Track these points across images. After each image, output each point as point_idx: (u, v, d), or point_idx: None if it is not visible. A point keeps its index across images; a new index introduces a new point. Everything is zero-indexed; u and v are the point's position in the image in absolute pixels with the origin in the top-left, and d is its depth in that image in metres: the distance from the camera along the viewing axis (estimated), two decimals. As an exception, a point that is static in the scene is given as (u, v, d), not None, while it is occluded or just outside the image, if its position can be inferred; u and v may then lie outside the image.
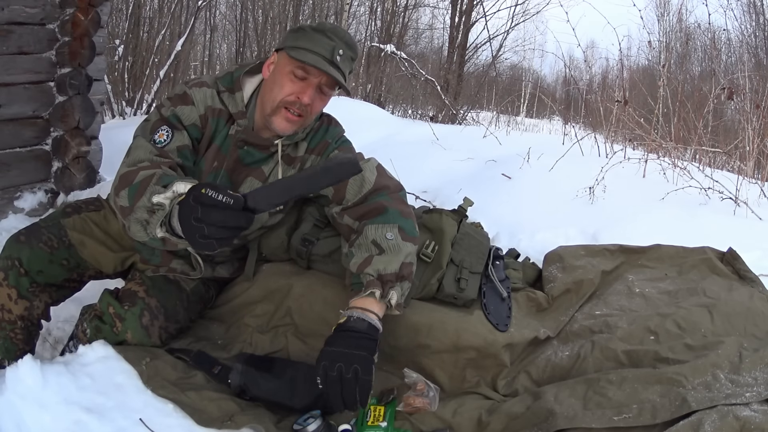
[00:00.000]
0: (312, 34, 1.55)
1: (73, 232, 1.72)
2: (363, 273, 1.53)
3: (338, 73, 1.55)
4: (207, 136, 1.64)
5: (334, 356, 1.36)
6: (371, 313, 1.46)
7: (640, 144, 3.73)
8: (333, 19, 12.23)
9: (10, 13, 2.85)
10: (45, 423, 1.28)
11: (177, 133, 1.58)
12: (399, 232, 1.58)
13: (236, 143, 1.64)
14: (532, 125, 11.33)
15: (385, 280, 1.51)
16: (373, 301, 1.48)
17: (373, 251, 1.55)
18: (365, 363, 1.36)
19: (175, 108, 1.60)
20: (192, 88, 1.62)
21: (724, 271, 1.85)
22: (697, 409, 1.32)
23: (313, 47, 1.54)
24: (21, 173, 3.12)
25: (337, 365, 1.35)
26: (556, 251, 1.98)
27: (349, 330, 1.42)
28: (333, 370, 1.34)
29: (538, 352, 1.67)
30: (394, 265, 1.53)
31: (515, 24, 12.88)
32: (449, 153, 3.51)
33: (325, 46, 1.54)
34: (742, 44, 10.82)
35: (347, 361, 1.35)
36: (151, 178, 1.35)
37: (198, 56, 13.66)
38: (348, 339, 1.40)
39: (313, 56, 1.53)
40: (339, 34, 1.57)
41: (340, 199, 1.69)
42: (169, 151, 1.55)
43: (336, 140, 1.75)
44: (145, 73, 9.09)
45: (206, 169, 1.65)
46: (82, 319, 1.65)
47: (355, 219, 1.65)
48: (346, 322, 1.44)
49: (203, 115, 1.62)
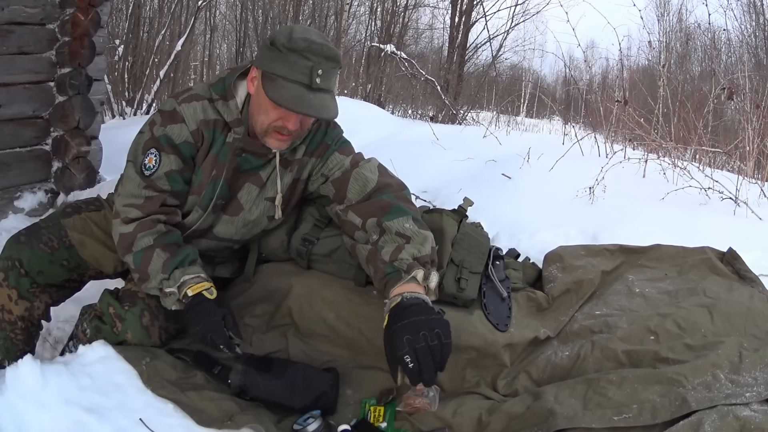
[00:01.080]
0: (286, 56, 1.45)
1: (73, 233, 1.72)
2: (399, 259, 1.50)
3: (322, 94, 1.47)
4: (205, 148, 1.62)
5: (415, 327, 1.34)
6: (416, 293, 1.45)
7: (640, 144, 3.73)
8: (333, 19, 12.23)
9: (10, 13, 2.85)
10: (45, 423, 1.28)
11: (164, 157, 1.59)
12: (414, 222, 1.58)
13: (234, 151, 1.63)
14: (532, 125, 11.31)
15: (423, 262, 1.50)
16: (415, 285, 1.46)
17: (400, 241, 1.54)
18: (444, 326, 1.37)
19: (165, 128, 1.59)
20: (182, 104, 1.59)
21: (724, 271, 1.85)
22: (697, 409, 1.32)
23: (289, 74, 1.45)
24: (21, 173, 3.12)
25: (422, 333, 1.34)
26: (556, 251, 1.97)
27: (410, 306, 1.40)
28: (420, 341, 1.33)
29: (538, 352, 1.67)
30: (426, 248, 1.53)
31: (515, 24, 12.89)
32: (449, 153, 3.50)
33: (302, 69, 1.45)
34: (742, 44, 10.82)
35: (429, 328, 1.35)
36: (152, 252, 1.54)
37: (198, 56, 13.66)
38: (415, 311, 1.38)
39: (288, 91, 1.45)
40: (315, 49, 1.45)
41: (341, 198, 1.69)
42: (158, 178, 1.59)
43: (335, 142, 1.73)
44: (145, 73, 9.09)
45: (204, 179, 1.64)
46: (82, 319, 1.65)
47: (360, 216, 1.64)
48: (402, 302, 1.42)
49: (196, 131, 1.59)
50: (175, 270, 1.53)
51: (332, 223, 1.82)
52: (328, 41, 1.51)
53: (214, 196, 1.64)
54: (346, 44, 12.09)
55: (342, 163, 1.70)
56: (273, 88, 1.47)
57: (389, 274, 1.50)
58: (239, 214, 1.70)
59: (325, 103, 1.48)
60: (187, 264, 1.55)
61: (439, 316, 1.39)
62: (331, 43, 1.51)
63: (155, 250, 1.54)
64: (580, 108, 6.64)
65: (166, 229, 1.60)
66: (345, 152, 1.73)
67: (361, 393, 1.59)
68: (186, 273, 1.53)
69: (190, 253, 1.57)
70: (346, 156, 1.72)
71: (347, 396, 1.60)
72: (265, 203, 1.71)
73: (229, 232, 1.72)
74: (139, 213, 1.58)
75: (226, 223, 1.71)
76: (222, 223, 1.71)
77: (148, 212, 1.59)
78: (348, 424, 1.46)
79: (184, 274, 1.52)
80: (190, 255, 1.57)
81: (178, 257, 1.54)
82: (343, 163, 1.70)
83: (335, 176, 1.70)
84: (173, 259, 1.53)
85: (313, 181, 1.74)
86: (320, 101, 1.47)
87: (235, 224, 1.71)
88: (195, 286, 1.51)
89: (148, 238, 1.56)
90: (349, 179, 1.68)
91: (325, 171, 1.72)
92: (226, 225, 1.71)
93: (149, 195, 1.59)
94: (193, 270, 1.54)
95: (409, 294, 1.43)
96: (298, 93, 1.46)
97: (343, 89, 10.83)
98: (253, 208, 1.70)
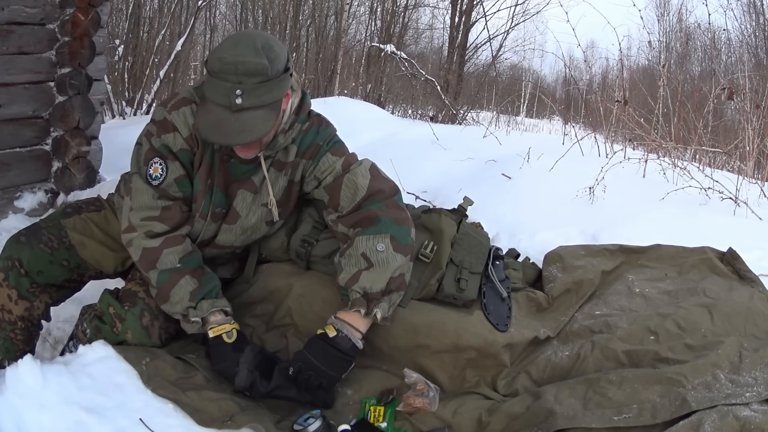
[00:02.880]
0: (211, 80, 1.44)
1: (73, 233, 1.72)
2: (350, 289, 1.56)
3: (247, 113, 1.44)
4: (200, 152, 1.62)
5: (311, 366, 1.52)
6: (357, 331, 1.55)
7: (640, 144, 3.73)
8: (333, 19, 12.23)
9: (10, 13, 2.85)
10: (45, 423, 1.28)
11: (171, 164, 1.60)
12: (391, 242, 1.58)
13: (222, 157, 1.62)
14: (532, 125, 11.31)
15: (371, 298, 1.55)
16: (358, 316, 1.55)
17: (362, 265, 1.56)
18: (331, 382, 1.55)
19: (161, 138, 1.59)
20: (171, 112, 1.58)
21: (724, 271, 1.85)
22: (697, 409, 1.32)
23: (213, 97, 1.45)
24: (21, 173, 3.12)
25: (309, 373, 1.52)
26: (556, 251, 1.97)
27: (334, 346, 1.53)
28: (305, 375, 1.52)
29: (538, 352, 1.67)
30: (380, 282, 1.55)
31: (515, 24, 12.87)
32: (449, 153, 3.50)
33: (222, 91, 1.43)
34: (742, 44, 10.80)
35: (318, 375, 1.52)
36: (179, 278, 1.56)
37: (198, 56, 13.64)
38: (329, 355, 1.53)
39: (211, 117, 1.45)
40: (228, 69, 1.40)
41: (335, 205, 1.68)
42: (168, 186, 1.59)
43: (327, 142, 1.70)
44: (145, 73, 9.08)
45: (202, 188, 1.63)
46: (82, 319, 1.65)
47: (349, 227, 1.65)
48: (335, 336, 1.54)
49: (190, 136, 1.59)
50: (202, 300, 1.56)
51: (332, 223, 1.82)
52: (256, 53, 1.42)
53: (211, 205, 1.64)
54: (346, 44, 12.08)
55: (333, 167, 1.68)
56: (200, 112, 1.51)
57: (342, 296, 1.60)
58: (237, 222, 1.69)
59: (247, 125, 1.44)
60: (214, 296, 1.59)
61: (336, 375, 1.54)
62: (260, 55, 1.42)
63: (184, 275, 1.57)
64: (580, 108, 6.63)
65: (192, 248, 1.63)
66: (337, 153, 1.70)
67: (361, 393, 1.59)
68: (214, 305, 1.58)
69: (217, 284, 1.61)
70: (339, 157, 1.69)
71: (347, 396, 1.60)
72: (262, 209, 1.69)
73: (230, 239, 1.72)
74: (165, 226, 1.59)
75: (226, 232, 1.70)
76: (222, 232, 1.70)
77: (172, 225, 1.60)
78: (348, 424, 1.46)
79: (212, 307, 1.57)
80: (217, 286, 1.61)
81: (205, 288, 1.58)
82: (334, 167, 1.68)
83: (327, 182, 1.68)
84: (201, 290, 1.57)
85: (307, 183, 1.73)
86: (242, 123, 1.44)
87: (234, 232, 1.71)
88: (217, 328, 1.56)
89: (173, 257, 1.58)
90: (341, 186, 1.66)
91: (318, 173, 1.69)
92: (226, 233, 1.70)
93: (165, 205, 1.60)
94: (221, 303, 1.60)
95: (346, 332, 1.54)
96: (217, 118, 1.45)
97: (343, 89, 10.83)
98: (249, 215, 1.69)
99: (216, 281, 1.62)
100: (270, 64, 1.44)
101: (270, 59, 1.44)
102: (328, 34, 12.03)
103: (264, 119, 1.47)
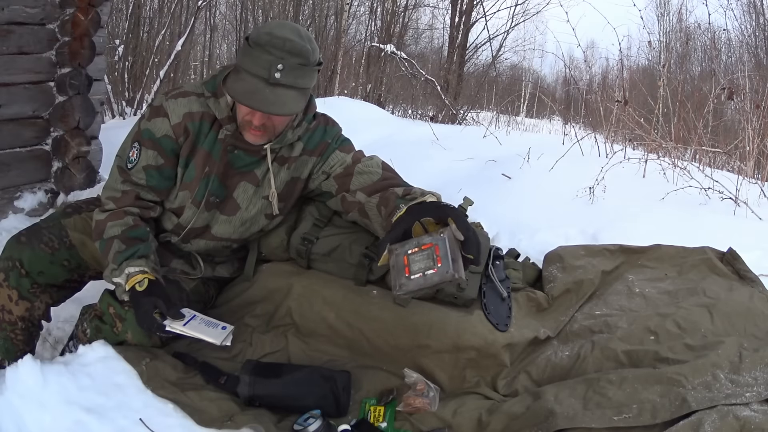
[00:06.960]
0: (252, 51, 1.47)
1: (73, 233, 1.72)
2: (411, 193, 1.53)
3: (281, 89, 1.47)
4: (190, 141, 1.64)
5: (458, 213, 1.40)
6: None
7: (640, 144, 3.73)
8: (333, 19, 12.23)
9: (10, 13, 2.85)
10: (45, 423, 1.28)
11: (144, 151, 1.64)
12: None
13: (226, 147, 1.64)
14: (532, 125, 11.30)
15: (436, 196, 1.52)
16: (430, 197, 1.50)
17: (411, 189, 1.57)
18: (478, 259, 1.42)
19: (149, 122, 1.64)
20: (169, 99, 1.63)
21: (724, 271, 1.85)
22: (697, 409, 1.32)
23: (250, 67, 1.47)
24: (21, 173, 3.11)
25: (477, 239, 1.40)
26: (556, 251, 1.98)
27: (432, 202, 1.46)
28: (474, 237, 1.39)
29: (538, 352, 1.67)
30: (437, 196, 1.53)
31: (515, 24, 12.88)
32: (449, 153, 3.50)
33: (262, 63, 1.46)
34: (742, 44, 10.82)
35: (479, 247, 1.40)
36: (112, 242, 1.59)
37: (198, 56, 13.65)
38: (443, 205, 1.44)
39: (245, 85, 1.47)
40: (277, 44, 1.45)
41: (345, 190, 1.70)
42: (136, 172, 1.64)
43: (336, 140, 1.74)
44: (145, 73, 9.09)
45: (197, 175, 1.65)
46: (82, 319, 1.65)
47: (369, 194, 1.65)
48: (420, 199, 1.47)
49: (178, 124, 1.61)
50: (123, 262, 1.56)
51: (332, 222, 1.82)
52: (301, 37, 1.49)
53: (206, 192, 1.65)
54: (346, 44, 12.08)
55: (344, 160, 1.72)
56: (233, 80, 1.51)
57: (399, 205, 1.50)
58: (236, 213, 1.70)
59: (281, 99, 1.47)
60: (136, 257, 1.57)
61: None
62: (305, 40, 1.49)
63: (115, 240, 1.59)
64: (580, 108, 6.64)
65: (134, 222, 1.64)
66: (346, 150, 1.74)
67: (361, 393, 1.59)
68: (130, 265, 1.55)
69: (141, 247, 1.60)
70: (347, 153, 1.73)
71: (347, 396, 1.60)
72: (262, 201, 1.71)
73: (227, 231, 1.73)
74: (113, 206, 1.65)
75: (224, 223, 1.71)
76: (220, 223, 1.71)
77: (121, 205, 1.65)
78: (348, 424, 1.46)
79: (128, 267, 1.55)
80: (140, 249, 1.59)
81: (129, 251, 1.58)
82: (345, 160, 1.72)
83: (337, 172, 1.71)
84: (125, 252, 1.57)
85: (314, 179, 1.75)
86: (276, 97, 1.47)
87: (232, 224, 1.71)
88: (130, 281, 1.54)
89: (117, 228, 1.61)
90: (353, 174, 1.69)
91: (326, 168, 1.72)
92: (224, 225, 1.71)
93: (125, 189, 1.66)
94: (137, 263, 1.56)
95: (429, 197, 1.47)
96: (253, 87, 1.47)
97: (343, 89, 10.83)
98: (250, 207, 1.71)
99: (142, 247, 1.59)
100: (312, 51, 1.51)
101: (312, 48, 1.51)
102: (328, 34, 12.03)
103: (295, 100, 1.51)
